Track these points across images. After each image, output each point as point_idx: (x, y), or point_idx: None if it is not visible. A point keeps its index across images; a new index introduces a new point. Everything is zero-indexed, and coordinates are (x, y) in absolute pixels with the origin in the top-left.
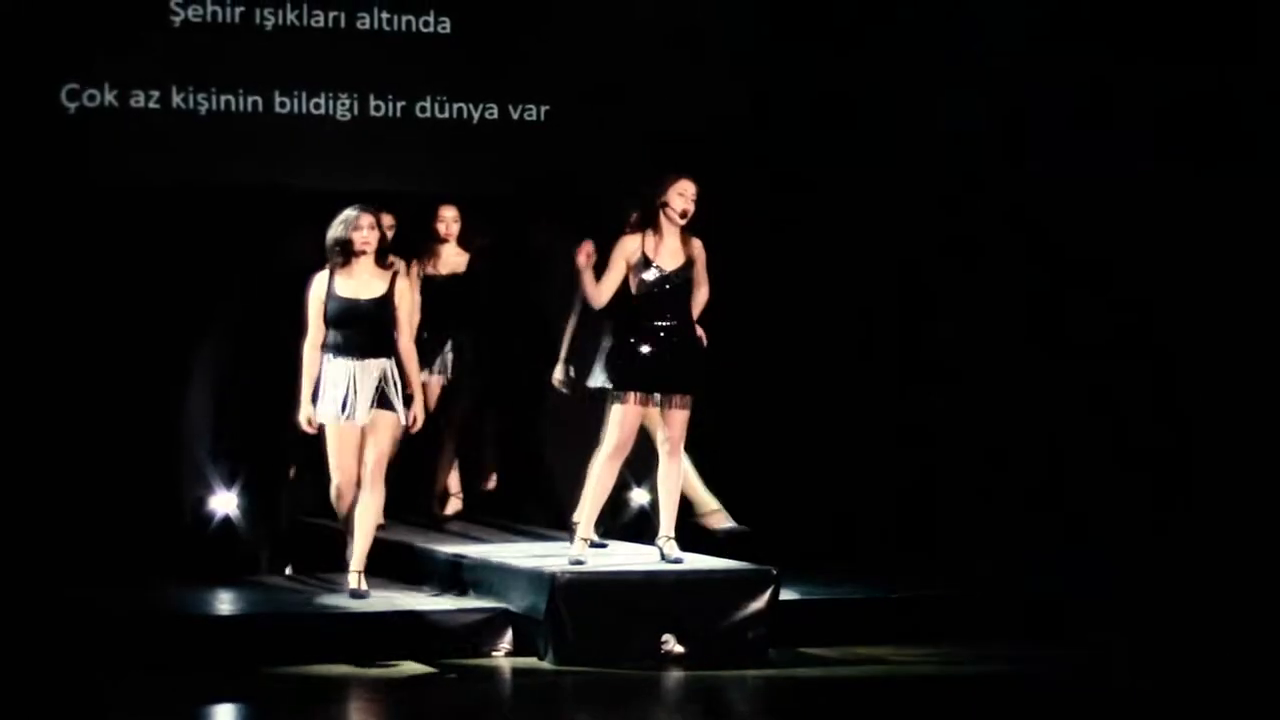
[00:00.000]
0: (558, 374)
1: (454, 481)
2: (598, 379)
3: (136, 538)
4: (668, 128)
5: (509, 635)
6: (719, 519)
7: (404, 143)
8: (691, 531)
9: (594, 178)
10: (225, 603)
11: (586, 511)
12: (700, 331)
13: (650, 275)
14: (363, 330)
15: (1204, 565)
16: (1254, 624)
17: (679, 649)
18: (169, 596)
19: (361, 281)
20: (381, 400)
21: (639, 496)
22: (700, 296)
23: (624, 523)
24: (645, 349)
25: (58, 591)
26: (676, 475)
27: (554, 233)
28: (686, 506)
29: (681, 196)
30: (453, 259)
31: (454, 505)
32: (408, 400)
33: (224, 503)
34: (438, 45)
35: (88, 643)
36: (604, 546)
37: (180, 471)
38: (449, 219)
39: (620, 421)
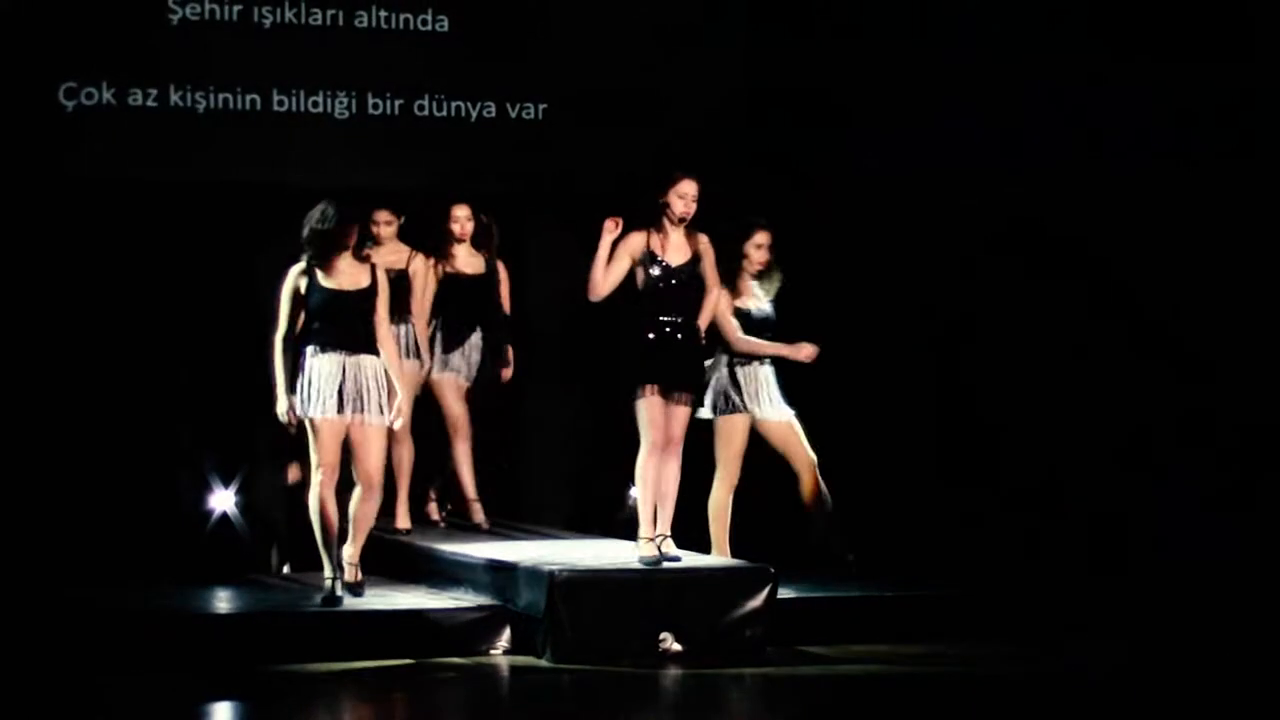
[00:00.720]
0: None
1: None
2: (705, 410)
3: (136, 538)
4: (666, 126)
5: (507, 633)
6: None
7: (402, 141)
8: (691, 530)
9: (592, 176)
10: (224, 602)
11: (643, 512)
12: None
13: (656, 271)
14: (352, 322)
15: (1204, 564)
16: (1255, 625)
17: (677, 647)
18: (168, 596)
19: (346, 275)
20: (377, 405)
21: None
22: (712, 296)
23: (621, 520)
24: (652, 343)
25: (58, 591)
26: (675, 474)
27: (552, 231)
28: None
29: (681, 199)
30: (470, 258)
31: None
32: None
33: (222, 501)
34: (436, 43)
35: (88, 643)
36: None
37: (179, 470)
38: (462, 218)
39: (650, 417)
